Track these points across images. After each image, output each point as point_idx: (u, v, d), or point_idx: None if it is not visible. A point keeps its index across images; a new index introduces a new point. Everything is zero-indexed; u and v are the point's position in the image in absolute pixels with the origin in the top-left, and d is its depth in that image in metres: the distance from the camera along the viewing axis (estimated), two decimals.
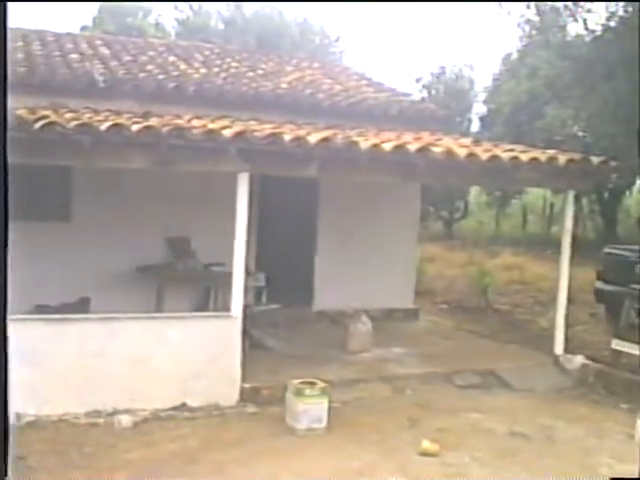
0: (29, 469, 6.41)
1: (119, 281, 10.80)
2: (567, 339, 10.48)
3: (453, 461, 7.07)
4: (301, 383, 7.90)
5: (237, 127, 8.45)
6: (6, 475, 3.38)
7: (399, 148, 8.69)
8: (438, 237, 26.37)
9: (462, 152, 9.01)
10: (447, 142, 9.96)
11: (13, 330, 5.28)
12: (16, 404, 5.66)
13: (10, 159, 7.76)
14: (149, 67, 12.51)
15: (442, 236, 27.26)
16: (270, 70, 14.21)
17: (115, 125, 7.66)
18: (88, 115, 8.76)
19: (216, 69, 13.40)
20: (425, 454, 7.15)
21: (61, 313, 9.04)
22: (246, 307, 8.76)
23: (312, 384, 7.92)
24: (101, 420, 7.86)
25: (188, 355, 8.32)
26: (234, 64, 14.20)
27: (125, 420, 7.82)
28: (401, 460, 7.07)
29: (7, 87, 3.10)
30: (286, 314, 11.04)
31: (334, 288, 12.25)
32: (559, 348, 10.40)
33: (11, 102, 8.53)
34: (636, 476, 6.48)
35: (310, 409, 7.77)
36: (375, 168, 8.79)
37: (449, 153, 8.92)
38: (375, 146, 8.58)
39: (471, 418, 8.34)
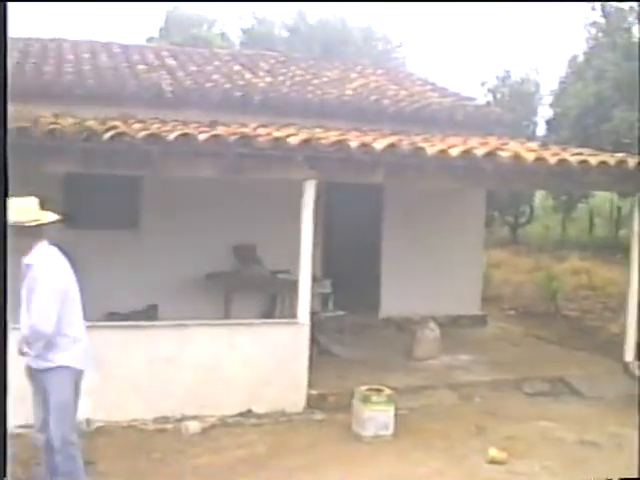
0: (99, 474, 6.50)
1: (187, 288, 10.93)
2: (638, 345, 10.28)
3: (522, 469, 6.99)
4: (368, 390, 7.90)
5: (303, 135, 8.48)
6: (5, 476, 3.44)
7: (466, 153, 8.64)
8: (504, 242, 26.04)
9: (530, 156, 8.92)
10: (514, 146, 9.87)
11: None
12: (86, 410, 5.77)
13: (80, 169, 7.96)
14: (215, 77, 12.64)
15: (508, 241, 26.91)
16: (335, 77, 14.25)
17: (183, 135, 7.75)
18: (156, 125, 8.88)
19: (281, 77, 13.47)
20: (493, 462, 7.09)
21: (130, 320, 9.18)
22: (313, 314, 8.76)
23: (379, 391, 7.92)
24: (169, 426, 7.95)
25: (256, 362, 8.37)
26: (299, 72, 14.25)
27: (193, 426, 7.89)
28: (469, 468, 7.03)
29: (7, 88, 3.13)
30: (352, 321, 11.04)
31: (400, 294, 12.19)
32: (629, 355, 10.20)
33: (81, 113, 8.74)
34: (636, 476, 6.40)
35: (377, 416, 7.76)
36: (441, 174, 8.74)
37: (517, 157, 8.84)
38: (442, 152, 8.54)
39: (540, 426, 8.24)
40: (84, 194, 10.53)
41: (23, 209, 5.47)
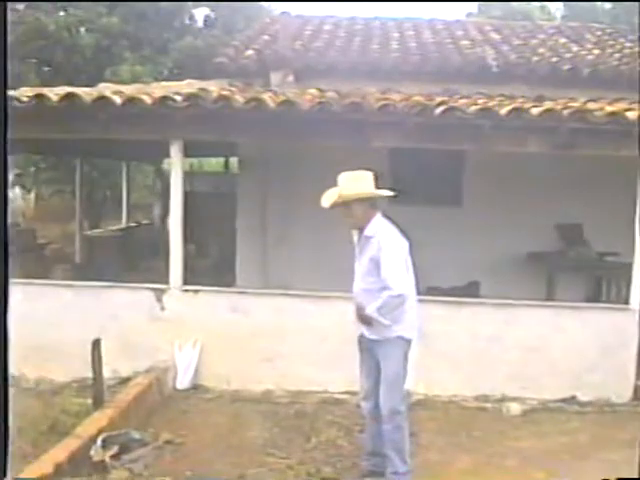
0: (421, 447, 6.59)
1: (507, 267, 10.78)
2: None
3: None
4: None
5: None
6: (5, 475, 3.43)
7: None
8: None
9: None
10: None
11: None
12: (407, 381, 5.84)
13: (410, 144, 8.04)
14: (541, 50, 12.30)
15: None
16: None
17: (515, 109, 7.57)
18: (482, 100, 8.75)
19: (609, 50, 12.81)
20: None
21: (451, 296, 9.16)
22: None
23: None
24: (489, 405, 7.89)
25: (581, 346, 8.04)
26: (628, 44, 13.48)
27: (514, 408, 7.78)
28: None
29: (7, 84, 3.11)
30: None
31: None
32: None
33: (405, 90, 8.78)
34: (636, 476, 5.41)
35: None
36: None
37: None
38: None
39: None
40: (408, 170, 10.67)
41: (361, 182, 5.60)
